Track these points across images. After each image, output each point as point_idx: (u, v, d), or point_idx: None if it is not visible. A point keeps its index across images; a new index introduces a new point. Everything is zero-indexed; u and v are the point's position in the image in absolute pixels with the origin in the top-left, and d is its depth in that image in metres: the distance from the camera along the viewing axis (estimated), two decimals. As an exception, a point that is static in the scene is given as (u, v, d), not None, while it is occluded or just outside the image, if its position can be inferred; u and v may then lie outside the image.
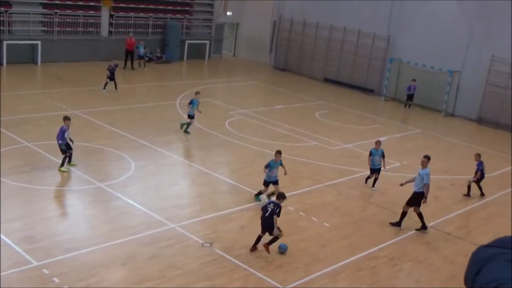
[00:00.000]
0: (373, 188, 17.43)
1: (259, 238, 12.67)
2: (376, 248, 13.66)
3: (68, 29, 31.45)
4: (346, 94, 32.82)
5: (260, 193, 15.40)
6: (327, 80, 35.56)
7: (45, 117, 20.83)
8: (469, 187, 17.93)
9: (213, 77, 34.07)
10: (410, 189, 17.60)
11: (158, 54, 35.01)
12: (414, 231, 14.85)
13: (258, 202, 14.98)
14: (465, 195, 17.99)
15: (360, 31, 33.67)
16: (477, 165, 17.95)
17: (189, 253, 12.31)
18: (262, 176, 17.53)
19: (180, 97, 26.56)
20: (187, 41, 36.87)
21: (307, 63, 36.87)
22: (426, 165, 14.62)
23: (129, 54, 31.79)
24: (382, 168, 17.53)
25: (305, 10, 36.56)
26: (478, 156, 18.14)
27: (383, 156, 17.37)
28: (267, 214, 12.57)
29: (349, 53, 34.56)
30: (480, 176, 17.94)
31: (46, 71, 29.11)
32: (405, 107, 29.80)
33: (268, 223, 12.57)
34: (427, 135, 25.50)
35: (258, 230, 13.76)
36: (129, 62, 31.75)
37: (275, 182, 15.29)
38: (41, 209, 13.67)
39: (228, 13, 39.67)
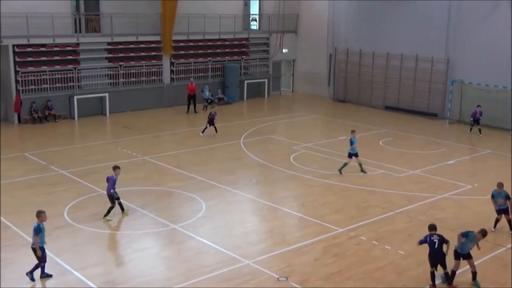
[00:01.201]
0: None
1: (433, 276, 12.64)
2: (455, 273, 13.36)
3: (132, 79, 32.84)
4: (409, 120, 32.48)
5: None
6: (387, 108, 35.34)
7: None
8: None
9: (274, 114, 34.52)
10: (483, 211, 17.21)
11: (219, 96, 35.89)
12: (491, 255, 14.44)
13: None
14: None
15: (417, 56, 33.48)
16: None
17: (265, 288, 12.46)
18: (330, 207, 17.67)
19: (244, 136, 27.07)
20: (246, 81, 37.68)
21: (366, 93, 36.84)
22: None
23: (191, 99, 32.77)
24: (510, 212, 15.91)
25: (360, 40, 36.75)
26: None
27: (508, 198, 15.78)
28: (436, 246, 12.58)
29: (408, 79, 34.34)
30: None
31: (114, 121, 30.36)
32: (470, 131, 28.93)
33: (440, 254, 12.60)
34: (497, 155, 24.82)
35: (333, 262, 13.83)
36: (191, 106, 32.71)
37: (468, 256, 12.99)
38: (119, 254, 14.21)
39: (284, 50, 40.34)
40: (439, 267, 12.70)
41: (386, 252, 14.46)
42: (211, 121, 27.03)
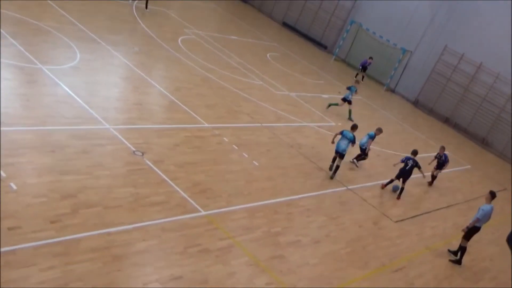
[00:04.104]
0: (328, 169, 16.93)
1: (391, 181, 16.93)
2: (296, 196, 14.21)
3: None
4: (300, 43, 32.92)
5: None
6: (285, 24, 35.43)
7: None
8: (434, 176, 19.44)
9: (174, -11, 33.07)
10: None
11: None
12: (331, 190, 15.51)
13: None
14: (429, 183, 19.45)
15: (330, -15, 33.59)
16: (444, 156, 19.31)
17: (119, 157, 12.34)
18: (203, 100, 17.68)
19: (138, 1, 25.74)
20: None
21: (270, 2, 36.46)
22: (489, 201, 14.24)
23: None
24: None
25: None
26: (443, 149, 19.41)
27: (353, 142, 16.34)
28: (407, 168, 16.62)
29: (314, 4, 34.47)
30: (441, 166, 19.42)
31: None
32: (356, 76, 29.97)
33: (407, 174, 16.70)
34: (366, 104, 26.21)
35: (192, 152, 14.03)
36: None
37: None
38: (-24, 76, 13.12)
39: None
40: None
41: (242, 159, 14.92)
42: None
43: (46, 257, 8.53)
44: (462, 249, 14.46)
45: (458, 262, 14.45)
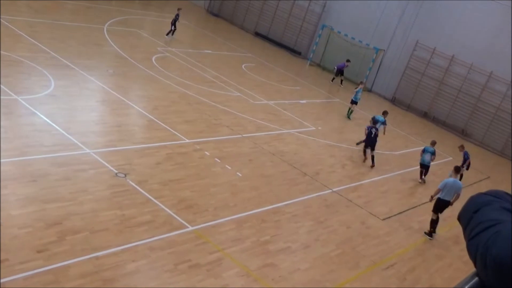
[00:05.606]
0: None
1: (365, 152, 19.07)
2: (282, 203, 14.29)
3: None
4: (274, 51, 33.14)
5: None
6: (257, 34, 35.66)
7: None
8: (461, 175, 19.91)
9: (144, 9, 33.17)
10: (320, 153, 18.41)
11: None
12: (317, 194, 15.62)
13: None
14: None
15: (298, -8, 33.89)
16: (464, 154, 20.24)
17: (102, 180, 12.32)
18: (182, 116, 17.74)
19: (109, 23, 25.78)
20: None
21: (241, 13, 36.72)
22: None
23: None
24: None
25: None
26: (462, 147, 20.37)
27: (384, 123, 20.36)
28: (372, 136, 18.69)
29: (284, 11, 34.76)
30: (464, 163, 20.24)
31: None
32: (332, 80, 30.16)
33: (373, 141, 18.75)
34: (345, 106, 26.35)
35: (174, 169, 14.06)
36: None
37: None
38: (-49, 112, 13.05)
39: None
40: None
41: (225, 171, 14.97)
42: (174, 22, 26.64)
43: (36, 287, 8.48)
44: (432, 222, 15.33)
45: (429, 234, 15.36)
